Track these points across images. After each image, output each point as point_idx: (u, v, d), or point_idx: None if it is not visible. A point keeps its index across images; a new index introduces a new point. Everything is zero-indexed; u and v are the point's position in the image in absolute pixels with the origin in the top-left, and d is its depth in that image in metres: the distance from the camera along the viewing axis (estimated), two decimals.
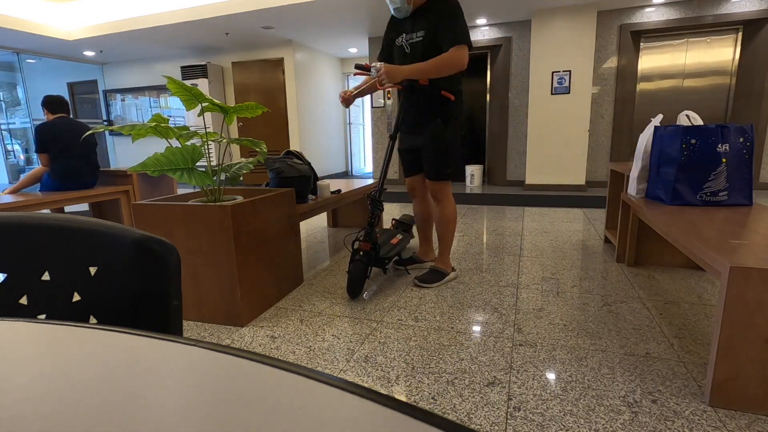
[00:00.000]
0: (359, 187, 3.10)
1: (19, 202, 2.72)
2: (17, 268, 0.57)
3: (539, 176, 5.48)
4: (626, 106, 5.38)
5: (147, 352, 0.35)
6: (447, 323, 1.84)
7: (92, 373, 0.32)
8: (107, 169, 3.63)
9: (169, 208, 1.83)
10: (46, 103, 3.16)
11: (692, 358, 1.52)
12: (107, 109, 8.07)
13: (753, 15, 4.79)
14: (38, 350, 0.36)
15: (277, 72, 6.66)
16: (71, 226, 0.56)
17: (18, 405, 0.28)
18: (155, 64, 7.52)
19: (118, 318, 0.55)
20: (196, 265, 1.85)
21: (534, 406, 1.27)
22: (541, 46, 5.19)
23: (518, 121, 5.83)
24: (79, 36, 5.95)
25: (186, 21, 5.33)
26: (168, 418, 0.26)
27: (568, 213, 4.29)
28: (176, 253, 0.54)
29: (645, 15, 5.12)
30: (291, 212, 2.22)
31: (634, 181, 2.27)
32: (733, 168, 1.88)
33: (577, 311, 1.93)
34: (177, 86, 1.73)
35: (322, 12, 5.06)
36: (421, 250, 2.62)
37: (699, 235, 1.44)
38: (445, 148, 2.13)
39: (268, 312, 2.02)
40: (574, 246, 3.02)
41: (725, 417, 1.21)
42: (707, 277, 2.33)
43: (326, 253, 3.02)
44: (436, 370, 1.48)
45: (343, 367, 1.52)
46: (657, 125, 2.13)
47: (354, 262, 2.10)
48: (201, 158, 1.77)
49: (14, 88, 8.12)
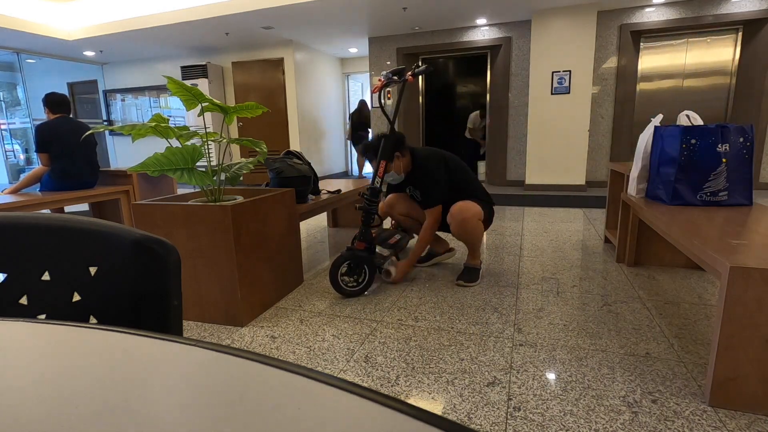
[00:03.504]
0: (359, 187, 3.10)
1: (19, 202, 2.72)
2: (17, 268, 0.57)
3: (539, 176, 5.48)
4: (626, 106, 5.38)
5: (147, 352, 0.35)
6: (447, 323, 1.84)
7: (92, 373, 0.32)
8: (107, 169, 3.62)
9: (169, 208, 1.83)
10: (48, 101, 3.14)
11: (692, 358, 1.52)
12: (107, 109, 8.07)
13: (753, 15, 4.78)
14: (38, 350, 0.36)
15: (277, 72, 6.66)
16: (71, 226, 0.56)
17: (18, 405, 0.28)
18: (155, 64, 7.52)
19: (118, 318, 0.55)
20: (196, 265, 1.85)
21: (534, 406, 1.27)
22: (541, 46, 5.19)
23: (518, 121, 5.83)
24: (79, 36, 5.95)
25: (186, 21, 5.33)
26: (168, 418, 0.26)
27: (568, 213, 4.29)
28: (176, 253, 0.54)
29: (645, 15, 5.12)
30: (291, 212, 2.22)
31: (634, 181, 2.27)
32: (733, 168, 1.88)
33: (577, 311, 1.93)
34: (177, 86, 1.73)
35: (322, 12, 5.06)
36: (433, 243, 2.69)
37: (699, 235, 1.44)
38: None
39: (268, 312, 2.02)
40: (574, 246, 3.02)
41: (725, 417, 1.21)
42: (707, 277, 2.33)
43: (326, 253, 3.02)
44: (436, 370, 1.48)
45: (343, 367, 1.52)
46: (657, 125, 2.13)
47: (337, 257, 2.14)
48: (201, 158, 1.77)
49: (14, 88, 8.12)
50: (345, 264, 2.13)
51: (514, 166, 5.99)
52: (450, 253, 2.73)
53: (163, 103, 7.67)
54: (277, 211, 2.08)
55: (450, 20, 5.46)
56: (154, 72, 7.54)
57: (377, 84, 2.22)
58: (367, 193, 2.17)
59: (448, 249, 2.73)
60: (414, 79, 2.15)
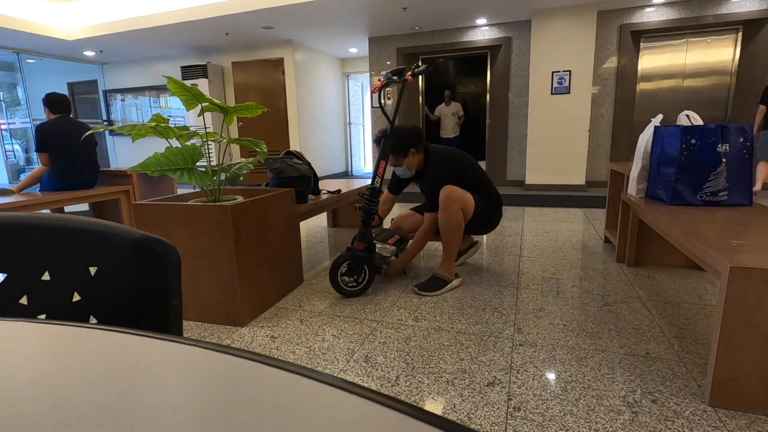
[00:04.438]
0: (359, 187, 3.10)
1: (19, 202, 2.72)
2: (17, 268, 0.57)
3: (539, 176, 5.48)
4: (626, 106, 5.38)
5: (147, 352, 0.35)
6: (447, 323, 1.84)
7: (92, 373, 0.32)
8: (107, 169, 3.62)
9: (169, 208, 1.83)
10: (49, 101, 3.13)
11: (692, 358, 1.52)
12: (107, 109, 8.07)
13: (753, 15, 4.78)
14: (38, 350, 0.36)
15: (277, 72, 6.66)
16: (71, 226, 0.56)
17: (18, 405, 0.28)
18: (155, 64, 7.52)
19: (118, 318, 0.55)
20: (196, 265, 1.85)
21: (534, 406, 1.27)
22: (541, 46, 5.19)
23: (518, 121, 5.83)
24: (79, 36, 5.95)
25: (186, 21, 5.33)
26: (168, 418, 0.26)
27: (568, 213, 4.29)
28: (176, 254, 0.54)
29: (645, 15, 5.12)
30: (291, 212, 2.22)
31: (634, 181, 2.27)
32: (733, 168, 1.88)
33: (577, 311, 1.93)
34: (177, 86, 1.72)
35: (322, 12, 5.06)
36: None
37: (699, 235, 1.44)
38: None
39: (268, 312, 2.02)
40: (574, 246, 3.02)
41: (725, 417, 1.21)
42: (707, 277, 2.33)
43: (326, 253, 3.02)
44: (436, 370, 1.48)
45: (343, 367, 1.52)
46: (657, 125, 2.13)
47: (338, 257, 2.14)
48: (201, 158, 1.77)
49: (14, 88, 8.12)
50: (345, 264, 2.13)
51: (514, 166, 5.99)
52: (474, 248, 2.63)
53: (163, 103, 7.67)
54: (277, 211, 2.08)
55: (450, 20, 5.46)
56: (154, 72, 7.54)
57: (377, 84, 2.23)
58: (367, 193, 2.17)
59: (472, 243, 2.63)
60: (414, 79, 2.15)
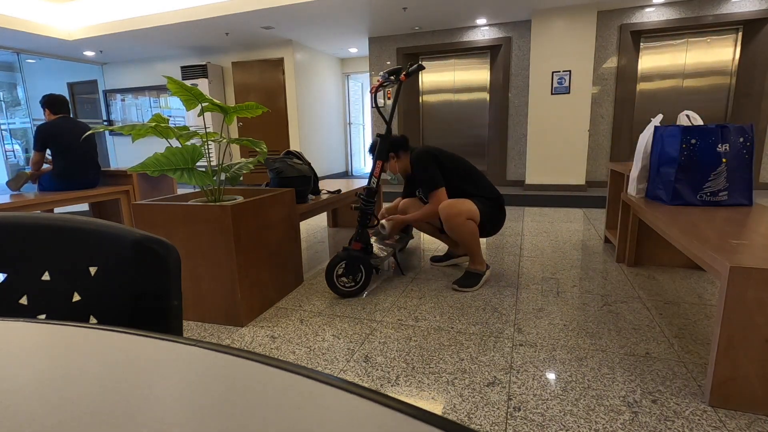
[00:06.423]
0: (359, 187, 3.10)
1: (19, 202, 2.72)
2: (17, 268, 0.57)
3: (539, 176, 5.48)
4: (626, 106, 5.38)
5: (147, 352, 0.35)
6: (447, 323, 1.84)
7: (92, 373, 0.32)
8: (107, 169, 3.62)
9: (169, 208, 1.83)
10: (48, 102, 3.14)
11: (692, 358, 1.52)
12: (107, 109, 8.07)
13: (753, 15, 4.78)
14: (38, 350, 0.36)
15: (277, 72, 6.66)
16: (71, 226, 0.56)
17: (18, 405, 0.28)
18: (155, 64, 7.52)
19: (118, 318, 0.55)
20: (196, 265, 1.85)
21: (534, 406, 1.27)
22: (541, 46, 5.19)
23: (518, 121, 5.83)
24: (79, 36, 5.95)
25: (186, 21, 5.33)
26: (168, 418, 0.26)
27: (568, 213, 4.29)
28: (176, 254, 0.54)
29: (645, 15, 5.12)
30: (291, 212, 2.22)
31: (634, 181, 2.27)
32: (733, 168, 1.88)
33: (577, 311, 1.93)
34: (177, 86, 1.72)
35: (322, 12, 5.06)
36: (452, 245, 2.69)
37: (699, 235, 1.44)
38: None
39: (268, 312, 2.02)
40: (574, 246, 3.02)
41: (725, 417, 1.21)
42: (707, 277, 2.33)
43: (326, 253, 3.02)
44: (436, 370, 1.48)
45: (343, 367, 1.52)
46: (657, 125, 2.13)
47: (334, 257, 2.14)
48: (201, 158, 1.77)
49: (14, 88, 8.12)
50: (341, 265, 2.13)
51: (514, 166, 5.99)
52: (467, 256, 2.68)
53: (163, 103, 7.67)
54: (277, 211, 2.08)
55: (450, 20, 5.46)
56: (154, 72, 7.54)
57: (374, 84, 2.24)
58: (363, 193, 2.17)
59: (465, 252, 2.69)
60: (407, 78, 2.16)
